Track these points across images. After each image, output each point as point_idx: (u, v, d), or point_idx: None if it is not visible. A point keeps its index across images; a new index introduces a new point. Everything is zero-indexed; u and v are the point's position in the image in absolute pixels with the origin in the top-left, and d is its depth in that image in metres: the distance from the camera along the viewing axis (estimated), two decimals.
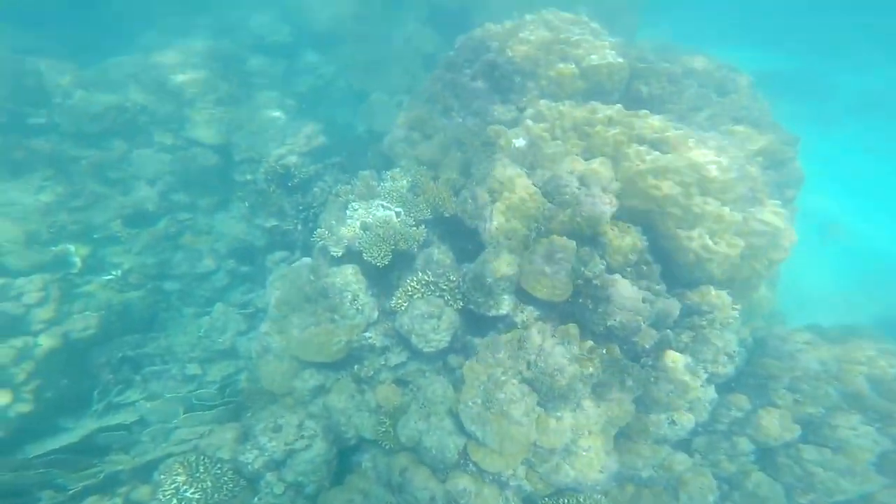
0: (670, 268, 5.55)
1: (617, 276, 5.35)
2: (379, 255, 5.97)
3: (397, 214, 6.40)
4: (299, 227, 7.64)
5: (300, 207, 7.57)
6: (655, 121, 5.52)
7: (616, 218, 5.40)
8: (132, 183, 8.47)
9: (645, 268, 5.52)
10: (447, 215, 6.37)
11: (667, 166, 4.98)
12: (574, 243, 5.44)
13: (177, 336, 7.89)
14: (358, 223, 6.21)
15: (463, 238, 6.32)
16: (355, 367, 6.36)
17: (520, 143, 5.90)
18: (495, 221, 5.58)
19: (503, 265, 5.58)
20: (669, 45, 8.20)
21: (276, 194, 7.92)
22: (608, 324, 5.25)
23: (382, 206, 6.43)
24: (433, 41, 12.60)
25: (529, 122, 6.09)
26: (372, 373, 6.32)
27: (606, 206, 5.24)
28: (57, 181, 7.48)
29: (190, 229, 8.44)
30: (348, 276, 6.14)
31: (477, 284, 5.75)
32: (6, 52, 8.22)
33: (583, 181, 5.38)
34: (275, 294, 6.65)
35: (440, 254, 6.08)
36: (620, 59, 6.21)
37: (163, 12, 12.53)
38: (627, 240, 5.34)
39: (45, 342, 6.50)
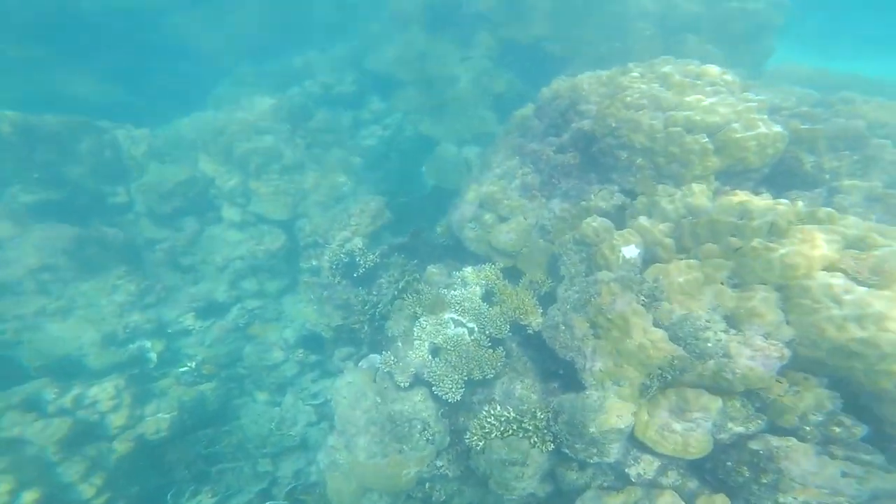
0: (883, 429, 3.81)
1: (792, 441, 3.77)
2: (451, 388, 4.90)
3: (470, 332, 5.27)
4: (365, 327, 6.85)
5: (366, 305, 6.78)
6: (853, 226, 3.78)
7: (786, 367, 3.80)
8: (202, 269, 8.32)
9: (838, 429, 3.83)
10: (530, 331, 5.14)
11: (884, 313, 3.26)
12: (719, 402, 3.92)
13: (249, 427, 7.52)
14: (426, 345, 5.19)
15: (549, 356, 5.05)
16: (426, 485, 5.45)
17: (631, 252, 4.44)
18: (600, 363, 4.21)
19: (612, 418, 4.19)
20: (826, 77, 6.14)
21: (342, 287, 7.21)
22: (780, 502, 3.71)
23: (453, 320, 5.35)
24: (504, 80, 11.32)
25: (644, 221, 4.61)
26: (444, 498, 5.34)
27: (774, 360, 3.66)
28: (130, 279, 7.44)
29: (259, 318, 8.12)
30: (417, 404, 5.15)
31: (574, 431, 4.44)
32: (87, 123, 8.38)
33: (733, 323, 3.83)
34: (341, 404, 5.88)
35: (523, 389, 4.84)
36: (778, 129, 4.47)
37: (235, 61, 12.67)
38: (808, 399, 3.71)
39: (120, 447, 6.35)
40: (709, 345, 3.80)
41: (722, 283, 3.99)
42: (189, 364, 7.59)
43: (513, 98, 11.66)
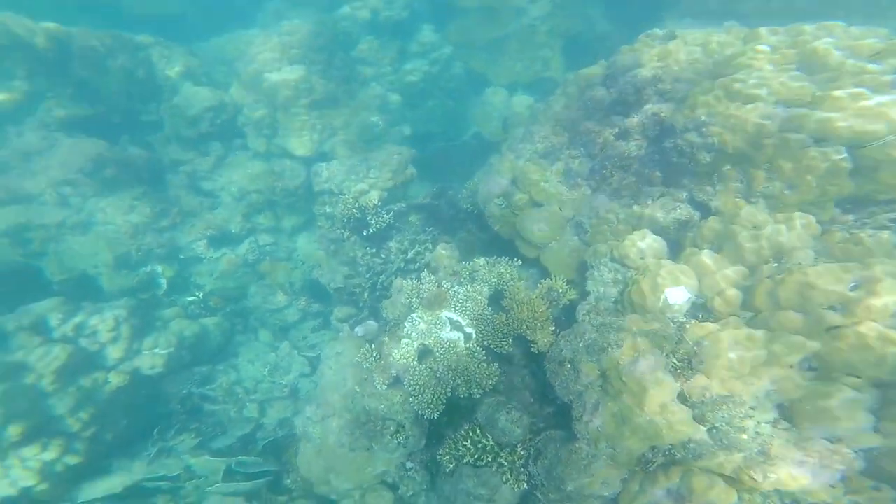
0: None
1: None
2: (429, 404, 4.32)
3: (467, 338, 4.55)
4: (365, 294, 6.31)
5: (369, 272, 6.19)
6: None
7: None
8: (221, 196, 7.99)
9: None
10: (534, 351, 4.35)
11: None
12: (734, 497, 3.09)
13: (244, 367, 7.55)
14: (415, 346, 4.56)
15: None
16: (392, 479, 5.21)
17: (678, 297, 3.38)
18: (599, 421, 3.42)
19: (597, 484, 3.52)
20: None
21: (350, 243, 6.62)
22: None
23: (451, 321, 4.63)
24: (581, 19, 9.36)
25: (707, 258, 3.47)
26: (411, 493, 5.08)
27: (835, 470, 2.73)
28: (147, 200, 7.24)
29: (270, 255, 7.82)
30: (395, 405, 4.68)
31: (552, 481, 3.84)
32: (123, 38, 7.90)
33: (790, 416, 2.85)
34: (325, 375, 5.58)
35: (508, 421, 4.16)
36: None
37: None
38: None
39: (115, 380, 6.34)
40: (743, 436, 2.88)
41: (792, 367, 2.94)
42: (197, 294, 7.56)
43: (589, 42, 9.77)
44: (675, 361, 3.21)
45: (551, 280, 4.71)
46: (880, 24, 3.97)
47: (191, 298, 7.54)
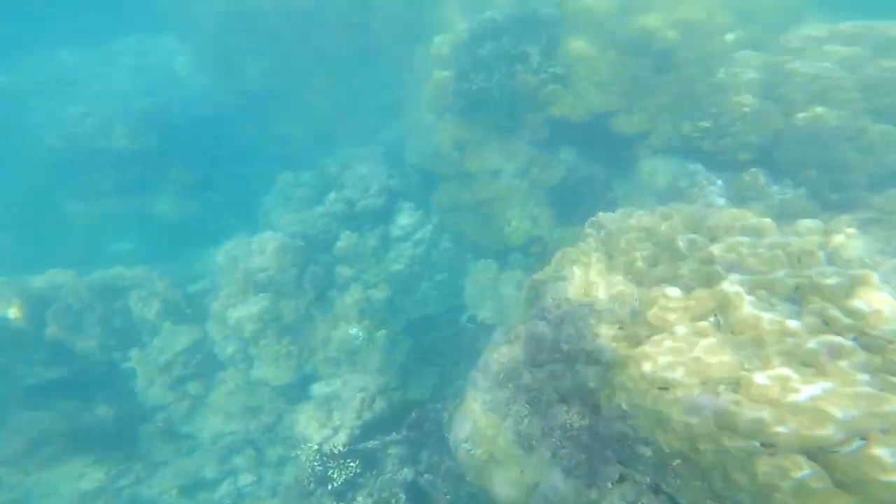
0: None
1: None
2: None
3: None
4: None
5: None
6: None
7: None
8: (198, 439, 8.30)
9: None
10: None
11: None
12: None
13: None
14: None
15: None
16: None
17: None
18: None
19: None
20: None
21: (317, 497, 6.37)
22: None
23: None
24: (559, 167, 9.63)
25: None
26: None
27: None
28: (101, 464, 7.61)
29: (251, 496, 7.78)
30: None
31: None
32: (98, 289, 8.96)
33: None
34: None
35: None
36: None
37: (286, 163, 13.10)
38: None
39: None
40: None
41: None
42: None
43: (576, 186, 9.88)
44: None
45: None
46: None
47: None
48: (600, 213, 5.75)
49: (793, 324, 3.34)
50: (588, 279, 4.60)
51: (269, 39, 13.05)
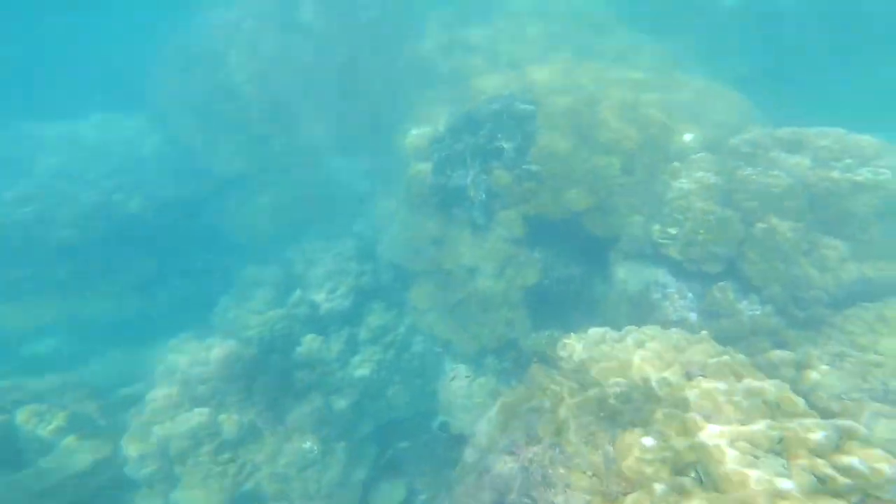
0: None
1: None
2: None
3: None
4: None
5: None
6: None
7: None
8: None
9: None
10: None
11: None
12: None
13: None
14: None
15: None
16: None
17: None
18: None
19: None
20: None
21: None
22: None
23: None
24: (535, 268, 9.64)
25: None
26: None
27: None
28: None
29: None
30: None
31: None
32: None
33: None
34: None
35: None
36: None
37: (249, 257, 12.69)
38: None
39: None
40: None
41: None
42: None
43: (552, 287, 9.79)
44: None
45: None
46: None
47: None
48: (573, 335, 5.65)
49: (785, 484, 3.05)
50: (558, 416, 4.28)
51: (243, 125, 13.29)
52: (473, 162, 9.55)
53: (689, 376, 3.91)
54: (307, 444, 7.80)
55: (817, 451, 3.16)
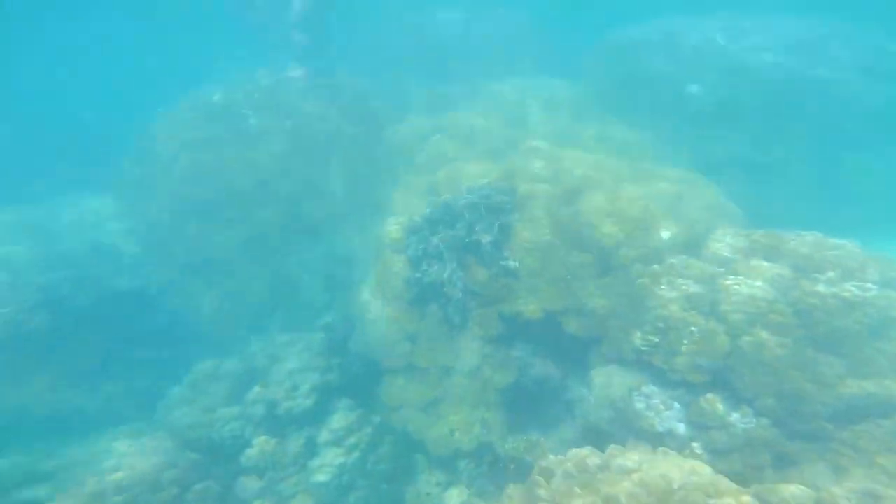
0: None
1: None
2: None
3: None
4: None
5: None
6: None
7: None
8: None
9: None
10: None
11: None
12: None
13: None
14: None
15: None
16: None
17: None
18: None
19: None
20: None
21: None
22: None
23: None
24: (512, 367, 9.12)
25: None
26: None
27: None
28: None
29: None
30: None
31: None
32: None
33: None
34: None
35: None
36: None
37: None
38: None
39: None
40: None
41: None
42: None
43: (528, 387, 9.23)
44: None
45: None
46: None
47: None
48: (550, 457, 5.20)
49: None
50: None
51: (211, 210, 12.94)
52: (451, 256, 9.27)
53: None
54: None
55: None
